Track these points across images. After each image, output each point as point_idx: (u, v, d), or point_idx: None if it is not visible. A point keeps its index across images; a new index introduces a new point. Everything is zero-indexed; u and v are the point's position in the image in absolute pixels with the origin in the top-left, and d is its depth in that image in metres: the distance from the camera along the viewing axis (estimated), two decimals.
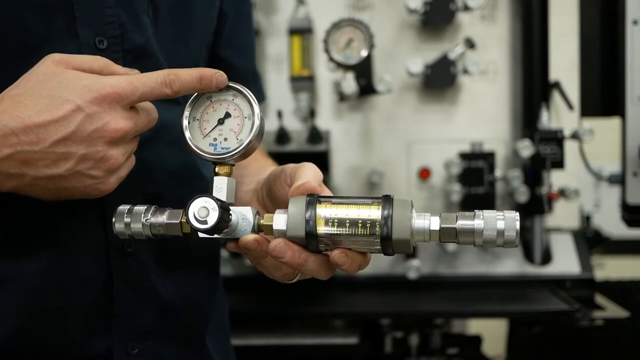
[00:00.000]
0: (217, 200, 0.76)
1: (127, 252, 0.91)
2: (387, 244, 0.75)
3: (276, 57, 1.74)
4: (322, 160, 1.62)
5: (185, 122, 0.81)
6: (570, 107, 1.68)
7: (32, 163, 0.74)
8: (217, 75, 0.81)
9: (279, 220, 0.78)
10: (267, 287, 1.60)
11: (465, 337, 1.83)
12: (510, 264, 1.67)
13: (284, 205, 0.81)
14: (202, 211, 0.75)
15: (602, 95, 1.70)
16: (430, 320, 1.66)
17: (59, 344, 0.88)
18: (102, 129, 0.75)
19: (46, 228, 0.86)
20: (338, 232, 0.76)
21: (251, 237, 0.78)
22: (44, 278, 0.86)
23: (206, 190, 1.00)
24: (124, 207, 0.81)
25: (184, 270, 1.00)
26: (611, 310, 1.50)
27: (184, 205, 0.77)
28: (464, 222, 0.76)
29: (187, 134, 0.81)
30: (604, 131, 1.76)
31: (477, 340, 1.74)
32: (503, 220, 0.75)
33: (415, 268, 1.57)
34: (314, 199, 0.77)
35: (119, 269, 0.91)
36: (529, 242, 1.67)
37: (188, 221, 0.76)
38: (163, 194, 0.95)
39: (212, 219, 0.75)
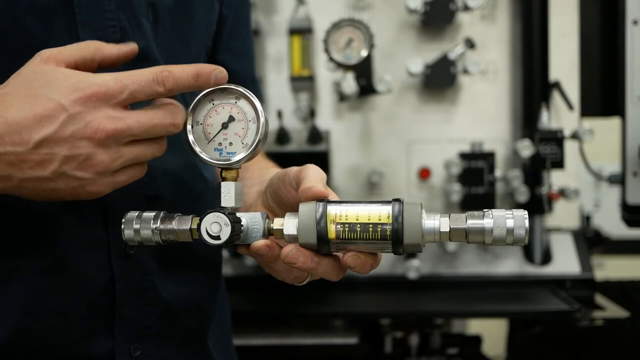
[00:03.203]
0: (228, 215, 0.76)
1: (129, 254, 0.91)
2: (399, 246, 0.76)
3: (276, 57, 1.74)
4: (322, 160, 1.62)
5: (188, 127, 0.80)
6: (570, 107, 1.68)
7: (17, 165, 0.72)
8: (216, 72, 0.78)
9: (289, 225, 0.78)
10: (268, 287, 1.61)
11: (465, 337, 1.83)
12: (510, 264, 1.67)
13: (291, 209, 0.81)
14: (214, 227, 0.76)
15: (602, 95, 1.70)
16: (430, 320, 1.66)
17: (60, 344, 0.88)
18: (83, 129, 0.73)
19: (48, 228, 0.86)
20: (349, 236, 0.76)
21: (262, 242, 0.78)
22: (46, 278, 0.86)
23: (207, 191, 1.01)
24: (132, 214, 0.80)
25: (186, 271, 1.00)
26: (611, 310, 1.50)
27: (188, 208, 0.76)
28: (473, 222, 0.76)
29: (191, 139, 0.80)
30: (604, 131, 1.76)
31: (477, 340, 1.74)
32: (512, 219, 0.76)
33: (415, 268, 1.57)
34: (324, 204, 0.77)
35: (121, 270, 0.91)
36: (529, 242, 1.65)
37: (200, 237, 0.76)
38: (165, 196, 0.95)
39: (225, 234, 0.76)
